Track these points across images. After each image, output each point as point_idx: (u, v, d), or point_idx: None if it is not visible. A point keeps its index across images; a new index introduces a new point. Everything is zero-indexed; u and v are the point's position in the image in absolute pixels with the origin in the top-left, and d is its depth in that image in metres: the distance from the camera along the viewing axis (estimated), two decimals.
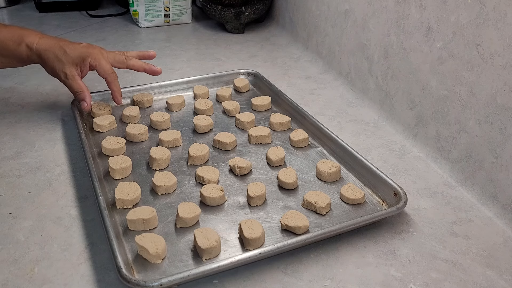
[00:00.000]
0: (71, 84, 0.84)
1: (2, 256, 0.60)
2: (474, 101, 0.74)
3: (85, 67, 0.85)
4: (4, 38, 0.82)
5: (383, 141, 0.88)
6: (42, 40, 0.83)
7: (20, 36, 0.82)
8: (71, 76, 0.84)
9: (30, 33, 0.84)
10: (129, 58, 0.90)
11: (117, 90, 0.88)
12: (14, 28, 0.84)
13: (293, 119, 0.91)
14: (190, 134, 0.87)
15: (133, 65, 0.90)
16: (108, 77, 0.86)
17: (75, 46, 0.84)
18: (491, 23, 0.69)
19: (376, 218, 0.65)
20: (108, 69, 0.86)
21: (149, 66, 0.92)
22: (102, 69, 0.85)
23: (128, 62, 0.89)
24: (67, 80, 0.84)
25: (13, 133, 0.86)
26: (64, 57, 0.83)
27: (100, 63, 0.85)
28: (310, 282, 0.58)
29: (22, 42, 0.82)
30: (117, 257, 0.56)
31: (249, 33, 1.42)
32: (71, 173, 0.76)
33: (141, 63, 0.91)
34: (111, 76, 0.86)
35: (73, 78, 0.84)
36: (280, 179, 0.73)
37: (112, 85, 0.87)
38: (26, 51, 0.83)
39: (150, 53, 0.96)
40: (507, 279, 0.59)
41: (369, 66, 0.99)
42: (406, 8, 0.87)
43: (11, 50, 0.82)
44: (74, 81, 0.84)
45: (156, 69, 0.92)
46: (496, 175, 0.70)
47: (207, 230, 0.61)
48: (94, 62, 0.84)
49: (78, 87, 0.84)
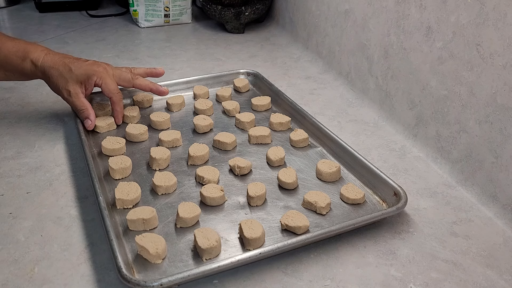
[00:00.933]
0: (74, 102, 0.83)
1: (2, 256, 0.60)
2: (474, 101, 0.74)
3: (90, 86, 0.83)
4: (9, 53, 0.80)
5: (383, 141, 0.88)
6: (47, 57, 0.82)
7: (25, 51, 0.81)
8: (75, 94, 0.82)
9: (36, 48, 0.82)
10: (135, 77, 0.88)
11: (120, 110, 0.87)
12: (20, 42, 0.82)
13: (293, 119, 0.91)
14: (190, 134, 0.87)
15: (140, 84, 0.89)
16: (113, 97, 0.85)
17: (80, 64, 0.82)
18: (491, 23, 0.69)
19: (376, 218, 0.65)
20: (114, 89, 0.84)
21: (155, 86, 0.90)
22: (107, 89, 0.84)
23: (135, 82, 0.88)
24: (70, 98, 0.83)
25: (13, 133, 0.86)
26: (68, 75, 0.81)
27: (106, 82, 0.83)
28: (310, 282, 0.58)
29: (27, 57, 0.81)
30: (117, 257, 0.56)
31: (249, 33, 1.42)
32: (71, 173, 0.76)
33: (147, 82, 0.90)
34: (116, 96, 0.85)
35: (77, 96, 0.82)
36: (280, 179, 0.73)
37: (116, 106, 0.86)
38: (30, 67, 0.81)
39: (158, 70, 0.94)
40: (507, 279, 0.59)
41: (369, 66, 0.99)
42: (406, 8, 0.87)
43: (14, 65, 0.81)
44: (77, 98, 0.83)
45: (162, 90, 0.91)
46: (496, 175, 0.70)
47: (207, 230, 0.61)
48: (100, 81, 0.83)
49: (81, 105, 0.83)
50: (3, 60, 0.80)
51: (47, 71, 0.81)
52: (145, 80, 0.90)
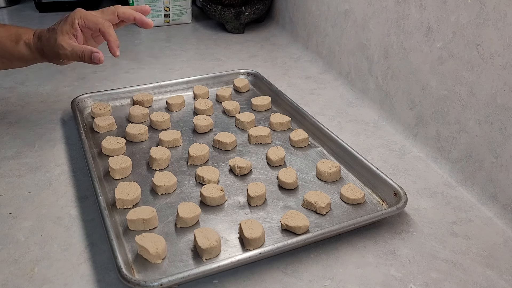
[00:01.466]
0: (72, 50, 0.77)
1: (2, 256, 0.60)
2: (474, 101, 0.74)
3: (76, 30, 0.78)
4: (2, 39, 0.80)
5: (383, 141, 0.88)
6: (36, 32, 0.81)
7: (17, 34, 0.81)
8: (67, 44, 0.77)
9: (27, 30, 0.82)
10: (118, 7, 0.82)
11: (113, 40, 0.79)
12: (11, 28, 0.82)
13: (293, 119, 0.91)
14: (190, 134, 0.87)
15: (124, 12, 0.82)
16: (101, 27, 0.77)
17: (60, 20, 0.80)
18: (491, 23, 0.69)
19: (376, 218, 0.65)
20: (98, 19, 0.78)
21: (139, 16, 0.83)
22: (91, 21, 0.78)
23: (118, 10, 0.82)
24: (66, 50, 0.77)
25: (13, 133, 0.86)
26: (54, 34, 0.78)
27: (87, 17, 0.78)
28: (310, 282, 0.58)
29: (20, 40, 0.80)
30: (117, 257, 0.56)
31: (249, 33, 1.42)
32: (71, 173, 0.76)
33: (131, 11, 0.83)
34: (104, 24, 0.78)
35: (70, 45, 0.77)
36: (280, 179, 0.73)
37: (107, 35, 0.78)
38: (25, 49, 0.81)
39: (144, 7, 0.86)
40: (507, 279, 0.59)
41: (369, 66, 0.99)
42: (406, 8, 0.87)
43: (10, 50, 0.81)
44: (72, 46, 0.77)
45: (147, 21, 0.83)
46: (496, 175, 0.70)
47: (207, 230, 0.61)
48: (81, 20, 0.78)
49: (79, 48, 0.77)
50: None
51: (39, 45, 0.80)
52: (129, 9, 0.83)
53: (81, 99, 0.93)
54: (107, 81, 1.07)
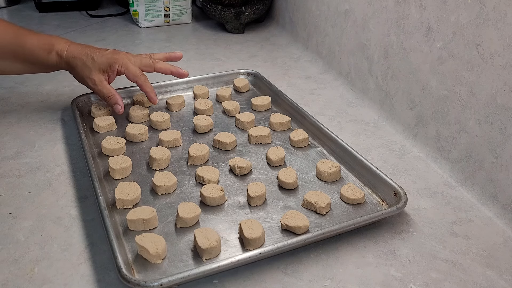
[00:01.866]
0: (100, 90, 0.85)
1: (2, 256, 0.60)
2: (474, 101, 0.74)
3: (112, 73, 0.85)
4: (34, 47, 0.82)
5: (383, 141, 0.88)
6: (70, 48, 0.83)
7: (50, 44, 0.83)
8: (99, 81, 0.84)
9: (59, 40, 0.84)
10: (156, 61, 0.90)
11: (150, 90, 0.88)
12: (43, 36, 0.84)
13: (293, 119, 0.91)
14: (190, 134, 0.87)
15: (160, 67, 0.90)
16: (138, 80, 0.86)
17: (102, 53, 0.84)
18: (491, 23, 0.69)
19: (376, 218, 0.65)
20: (137, 72, 0.86)
21: (176, 69, 0.92)
22: (130, 73, 0.85)
23: (155, 65, 0.89)
24: (95, 86, 0.85)
25: (13, 133, 0.86)
26: (91, 64, 0.83)
27: (128, 67, 0.85)
28: (310, 282, 0.58)
29: (52, 50, 0.82)
30: (117, 257, 0.56)
31: (249, 33, 1.42)
32: (71, 173, 0.76)
33: (168, 65, 0.91)
34: (141, 78, 0.86)
35: (102, 84, 0.84)
36: (280, 179, 0.73)
37: (144, 87, 0.87)
38: (56, 59, 0.83)
39: (177, 54, 0.95)
40: (507, 279, 0.59)
41: (369, 66, 0.99)
42: (406, 8, 0.87)
43: (40, 58, 0.83)
44: (103, 86, 0.85)
45: (183, 72, 0.92)
46: (496, 175, 0.70)
47: (207, 230, 0.61)
48: (122, 67, 0.85)
49: (108, 92, 0.85)
50: (28, 54, 0.82)
51: (71, 61, 0.83)
52: (166, 64, 0.91)
53: (81, 99, 0.93)
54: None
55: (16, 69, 0.85)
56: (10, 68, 0.84)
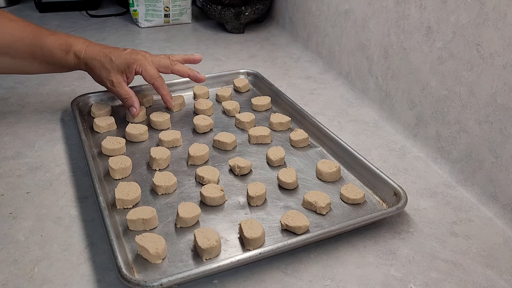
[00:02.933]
0: (118, 91, 0.85)
1: (2, 256, 0.60)
2: (474, 101, 0.74)
3: (130, 74, 0.85)
4: (52, 47, 0.81)
5: (383, 141, 0.88)
6: (89, 48, 0.83)
7: (68, 44, 0.82)
8: (118, 83, 0.84)
9: (77, 41, 0.84)
10: (174, 63, 0.89)
11: (166, 93, 0.88)
12: (61, 36, 0.83)
13: (293, 119, 0.91)
14: (190, 134, 0.87)
15: (178, 70, 0.89)
16: (155, 82, 0.86)
17: (120, 53, 0.84)
18: (491, 23, 0.69)
19: (376, 218, 0.65)
20: (154, 74, 0.85)
21: (193, 73, 0.90)
22: (148, 75, 0.85)
23: (173, 67, 0.89)
24: (113, 88, 0.85)
25: (13, 133, 0.86)
26: (109, 65, 0.83)
27: (146, 68, 0.85)
28: (310, 282, 0.58)
29: (70, 50, 0.82)
30: (117, 257, 0.56)
31: (249, 33, 1.42)
32: (71, 173, 0.76)
33: (186, 68, 0.90)
34: (158, 80, 0.86)
35: (120, 85, 0.84)
36: (280, 179, 0.73)
37: (161, 90, 0.87)
38: (74, 60, 0.83)
39: (196, 57, 0.94)
40: (507, 279, 0.59)
41: (369, 66, 0.99)
42: (406, 8, 0.87)
43: (58, 58, 0.83)
44: (121, 88, 0.85)
45: (200, 76, 0.91)
46: (496, 175, 0.70)
47: (207, 230, 0.61)
48: (139, 68, 0.84)
49: (125, 94, 0.85)
50: (47, 54, 0.82)
51: (89, 62, 0.83)
52: (184, 66, 0.90)
53: (81, 99, 0.93)
54: None
55: (35, 69, 0.85)
56: (29, 68, 0.84)
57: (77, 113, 0.88)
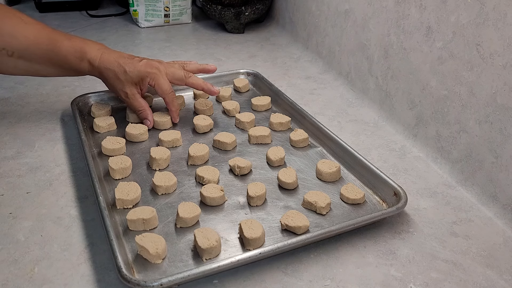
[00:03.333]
0: (132, 103, 0.86)
1: (2, 256, 0.60)
2: (474, 101, 0.74)
3: (144, 86, 0.86)
4: (67, 52, 0.81)
5: (383, 141, 0.88)
6: (103, 57, 0.82)
7: (82, 51, 0.82)
8: (132, 95, 0.85)
9: (92, 48, 0.83)
10: (188, 75, 0.88)
11: (175, 110, 0.88)
12: (76, 41, 0.83)
13: (293, 119, 0.91)
14: (190, 134, 0.87)
15: (193, 83, 0.89)
16: (166, 98, 0.86)
17: (134, 65, 0.83)
18: (491, 23, 0.69)
19: (376, 218, 0.65)
20: (167, 89, 0.85)
21: (207, 86, 0.90)
22: (160, 90, 0.85)
23: (187, 80, 0.88)
24: (127, 99, 0.85)
25: (13, 133, 0.86)
26: (123, 76, 0.83)
27: (159, 83, 0.85)
28: (310, 282, 0.58)
29: (84, 58, 0.82)
30: (117, 257, 0.56)
31: (249, 33, 1.42)
32: (71, 173, 0.76)
33: (200, 81, 0.89)
34: (169, 96, 0.86)
35: (134, 97, 0.85)
36: (280, 179, 0.73)
37: (170, 106, 0.88)
38: (88, 67, 0.83)
39: (211, 67, 0.94)
40: (507, 279, 0.59)
41: (369, 66, 0.99)
42: (406, 8, 0.87)
43: (72, 64, 0.82)
44: (135, 99, 0.85)
45: (214, 90, 0.91)
46: (496, 175, 0.70)
47: (207, 230, 0.61)
48: (153, 82, 0.85)
49: (139, 106, 0.86)
50: (62, 60, 0.81)
51: (103, 72, 0.83)
52: (198, 79, 0.90)
53: (81, 99, 0.93)
54: None
55: (51, 72, 0.84)
56: (44, 71, 0.83)
57: (77, 113, 0.88)
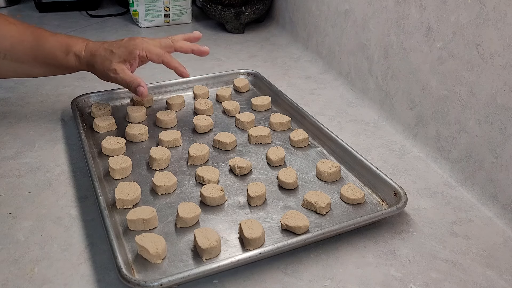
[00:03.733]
0: (122, 77, 0.82)
1: (2, 256, 0.60)
2: (474, 101, 0.74)
3: (134, 60, 0.83)
4: (53, 48, 0.81)
5: (383, 141, 0.88)
6: (88, 46, 0.82)
7: (68, 45, 0.81)
8: (121, 70, 0.81)
9: (77, 41, 0.83)
10: (176, 41, 0.88)
11: (179, 65, 0.86)
12: (61, 37, 0.82)
13: (293, 119, 0.91)
14: (190, 134, 0.87)
15: (181, 47, 0.88)
16: (164, 59, 0.84)
17: (119, 43, 0.82)
18: (491, 23, 0.69)
19: (376, 218, 0.65)
20: (160, 52, 0.84)
21: (196, 47, 0.89)
22: (154, 55, 0.83)
23: (176, 45, 0.87)
24: (117, 75, 0.81)
25: (13, 133, 0.86)
26: (111, 56, 0.81)
27: (150, 50, 0.83)
28: (310, 282, 0.58)
29: (70, 51, 0.81)
30: (117, 257, 0.56)
31: (249, 33, 1.42)
32: (71, 173, 0.76)
33: (188, 44, 0.89)
34: (166, 56, 0.84)
35: (123, 72, 0.81)
36: (280, 179, 0.73)
37: (172, 64, 0.85)
38: (75, 61, 0.82)
39: (195, 34, 0.93)
40: (507, 279, 0.59)
41: (369, 66, 0.99)
42: (406, 8, 0.87)
43: (59, 60, 0.82)
44: (124, 74, 0.82)
45: (204, 49, 0.89)
46: (496, 175, 0.70)
47: (207, 230, 0.61)
48: (143, 51, 0.82)
49: (130, 77, 0.82)
50: (48, 56, 0.81)
51: (90, 60, 0.82)
52: (186, 43, 0.89)
53: (81, 99, 0.93)
54: None
55: (39, 72, 0.84)
56: (32, 71, 0.83)
57: (77, 113, 0.88)
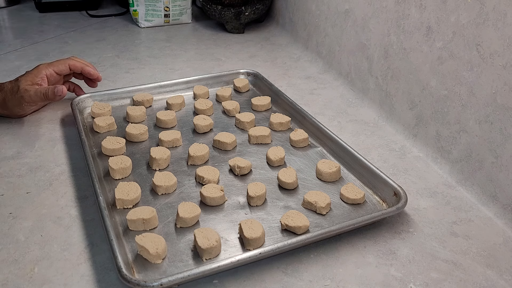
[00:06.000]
0: (36, 91, 0.84)
1: (2, 256, 0.60)
2: (474, 101, 0.74)
3: (42, 80, 0.86)
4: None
5: (383, 141, 0.88)
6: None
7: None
8: (31, 87, 0.85)
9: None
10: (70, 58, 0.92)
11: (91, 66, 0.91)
12: None
13: (293, 119, 0.91)
14: (190, 134, 0.87)
15: (74, 64, 0.91)
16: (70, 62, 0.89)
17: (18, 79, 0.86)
18: (491, 23, 0.69)
19: (376, 218, 0.65)
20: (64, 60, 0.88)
21: (88, 69, 0.92)
22: (61, 65, 0.88)
23: (70, 62, 0.91)
24: (30, 92, 0.84)
25: (13, 133, 0.86)
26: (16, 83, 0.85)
27: (54, 65, 0.87)
28: (310, 282, 0.58)
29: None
30: (117, 257, 0.56)
31: (249, 33, 1.42)
32: (71, 173, 0.76)
33: (82, 62, 0.92)
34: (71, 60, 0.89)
35: (34, 87, 0.85)
36: (280, 179, 0.73)
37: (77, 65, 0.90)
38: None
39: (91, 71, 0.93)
40: (507, 279, 0.59)
41: (369, 66, 0.99)
42: (406, 8, 0.87)
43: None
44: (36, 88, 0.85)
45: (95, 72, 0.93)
46: (496, 175, 0.70)
47: (207, 230, 0.61)
48: (48, 70, 0.86)
49: (43, 88, 0.85)
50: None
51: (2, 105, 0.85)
52: (79, 60, 0.92)
53: (81, 99, 0.93)
54: (107, 81, 1.07)
55: None
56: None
57: (77, 113, 0.88)
